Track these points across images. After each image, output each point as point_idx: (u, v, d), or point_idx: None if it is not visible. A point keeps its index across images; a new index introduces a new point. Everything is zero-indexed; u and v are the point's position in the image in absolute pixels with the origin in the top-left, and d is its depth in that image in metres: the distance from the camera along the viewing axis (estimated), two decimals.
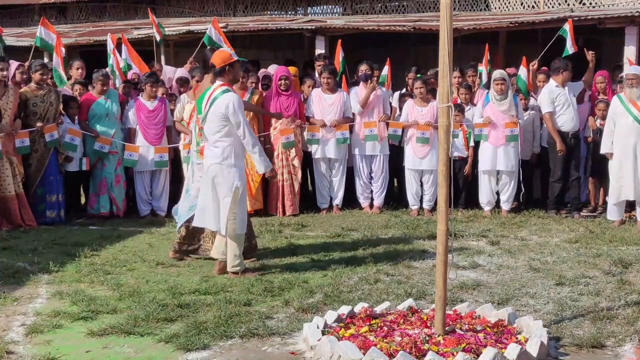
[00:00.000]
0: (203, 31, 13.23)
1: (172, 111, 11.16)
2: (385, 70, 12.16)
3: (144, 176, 11.06)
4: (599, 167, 10.86)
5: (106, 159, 10.77)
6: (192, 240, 8.31)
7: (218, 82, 7.51)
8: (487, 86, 11.40)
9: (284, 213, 11.03)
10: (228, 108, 7.31)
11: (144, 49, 15.06)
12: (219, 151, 7.42)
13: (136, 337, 5.68)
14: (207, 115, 7.44)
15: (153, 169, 11.00)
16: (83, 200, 11.45)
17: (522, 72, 11.35)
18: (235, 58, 7.64)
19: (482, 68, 12.00)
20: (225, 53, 7.73)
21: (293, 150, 11.08)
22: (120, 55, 12.30)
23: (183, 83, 11.80)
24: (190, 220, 8.02)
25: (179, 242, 8.28)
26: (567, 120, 10.72)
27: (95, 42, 17.14)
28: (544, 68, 11.74)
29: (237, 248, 7.55)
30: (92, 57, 15.96)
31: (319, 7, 20.60)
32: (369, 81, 11.15)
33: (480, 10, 18.11)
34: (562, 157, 10.71)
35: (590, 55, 11.16)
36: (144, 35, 16.59)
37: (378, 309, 6.09)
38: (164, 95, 11.31)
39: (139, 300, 6.56)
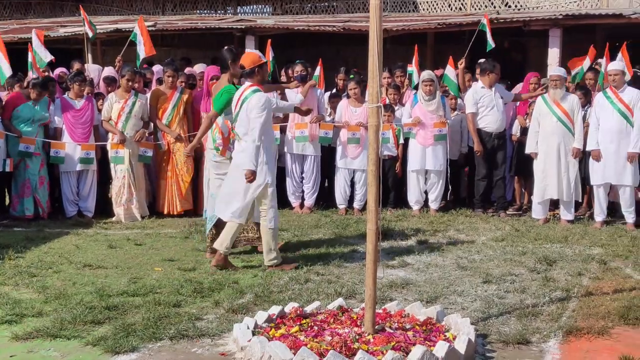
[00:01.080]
0: (131, 29, 13.07)
1: (99, 110, 10.99)
2: (318, 70, 12.18)
3: (70, 176, 10.84)
4: (524, 167, 11.07)
5: (30, 160, 10.52)
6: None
7: (247, 83, 7.77)
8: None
9: None
10: (259, 105, 7.52)
11: (70, 47, 14.78)
12: (249, 148, 7.54)
13: (63, 341, 5.57)
14: (239, 115, 7.68)
15: (80, 169, 10.78)
16: (7, 201, 11.17)
17: (449, 71, 11.50)
18: (264, 60, 7.94)
19: (412, 69, 12.10)
20: (255, 55, 7.98)
21: None
22: (37, 52, 11.96)
23: (110, 82, 11.63)
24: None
25: (212, 241, 8.25)
26: (491, 122, 10.90)
27: (19, 39, 16.75)
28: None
29: (272, 242, 7.83)
30: (16, 55, 15.58)
31: (248, 7, 20.55)
32: (305, 82, 11.17)
33: (409, 11, 18.30)
34: (486, 156, 10.90)
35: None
36: (70, 34, 16.28)
37: (308, 309, 6.10)
38: (90, 94, 11.13)
39: (65, 303, 6.43)
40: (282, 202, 11.56)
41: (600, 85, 11.11)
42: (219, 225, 8.17)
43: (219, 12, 20.61)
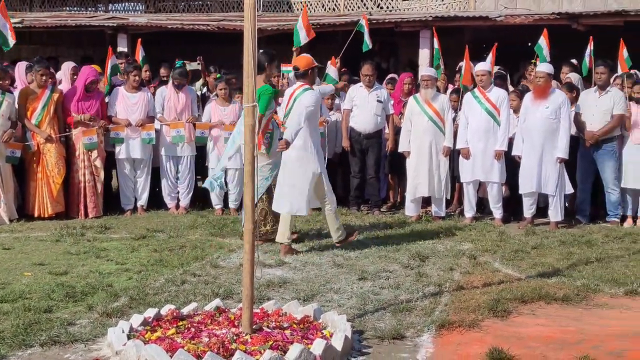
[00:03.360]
0: None
1: None
2: (193, 66, 12.05)
3: None
4: (397, 165, 11.29)
5: None
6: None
7: (299, 83, 8.64)
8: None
9: (86, 215, 10.68)
10: (310, 105, 8.34)
11: None
12: (301, 141, 8.32)
13: None
14: (291, 112, 8.46)
15: None
16: None
17: (331, 70, 11.59)
18: (317, 64, 8.84)
19: (289, 68, 12.09)
20: (309, 58, 8.85)
21: (95, 151, 10.75)
22: None
23: None
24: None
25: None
26: (360, 122, 11.09)
27: None
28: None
29: (336, 221, 8.70)
30: None
31: (120, 4, 20.14)
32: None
33: (284, 11, 18.37)
34: (357, 154, 11.09)
35: None
36: None
37: (185, 311, 6.03)
38: None
39: None
40: (158, 203, 11.43)
41: (461, 86, 11.48)
42: None
43: (89, 9, 20.12)
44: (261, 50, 8.92)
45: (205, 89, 12.34)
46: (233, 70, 11.64)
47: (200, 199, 11.63)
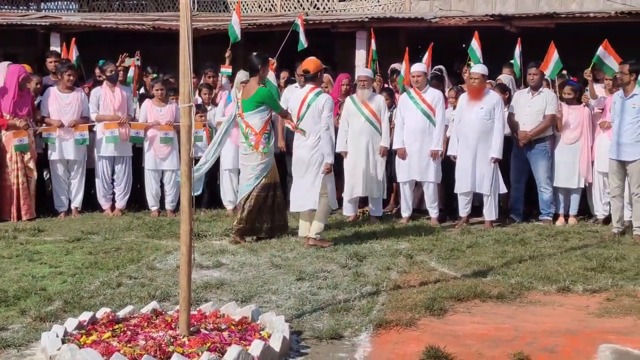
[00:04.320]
0: None
1: None
2: (131, 71, 11.90)
3: None
4: (336, 165, 11.30)
5: None
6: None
7: (309, 86, 9.12)
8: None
9: (19, 218, 10.47)
10: (321, 105, 8.91)
11: None
12: (312, 141, 8.93)
13: None
14: (306, 115, 8.98)
15: None
16: None
17: (270, 75, 11.53)
18: (324, 66, 9.44)
19: (226, 70, 12.02)
20: (318, 61, 9.27)
21: (28, 152, 10.55)
22: None
23: None
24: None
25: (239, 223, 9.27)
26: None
27: None
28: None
29: (325, 217, 9.14)
30: None
31: (53, 3, 19.79)
32: (114, 82, 10.92)
33: (220, 11, 18.27)
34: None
35: None
36: None
37: (121, 314, 5.96)
38: None
39: None
40: (92, 204, 11.27)
41: (399, 86, 11.59)
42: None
43: (21, 7, 19.72)
44: (255, 53, 9.38)
45: (142, 89, 12.21)
46: (170, 70, 11.56)
47: (136, 201, 11.49)
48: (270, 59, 10.49)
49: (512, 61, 12.21)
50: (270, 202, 9.31)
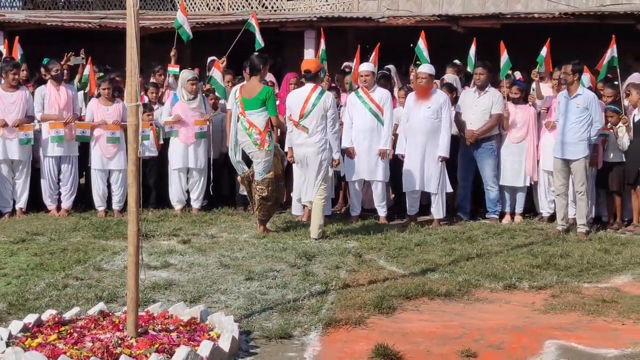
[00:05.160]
0: None
1: None
2: (87, 70, 11.73)
3: None
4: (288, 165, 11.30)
5: None
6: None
7: (310, 85, 9.37)
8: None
9: None
10: (327, 104, 9.28)
11: None
12: (317, 138, 9.32)
13: None
14: (311, 113, 9.25)
15: None
16: None
17: (216, 73, 11.50)
18: (323, 65, 10.15)
19: (173, 69, 11.94)
20: (317, 61, 10.17)
21: None
22: None
23: None
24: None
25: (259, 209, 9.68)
26: None
27: None
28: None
29: (323, 217, 9.43)
30: None
31: None
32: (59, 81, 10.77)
33: (167, 9, 18.15)
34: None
35: None
36: None
37: (67, 315, 5.88)
38: None
39: None
40: (38, 205, 11.09)
41: (349, 85, 11.64)
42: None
43: None
44: (255, 54, 9.81)
45: (87, 87, 12.05)
46: (118, 69, 11.46)
47: (82, 201, 11.34)
48: (216, 59, 10.53)
49: (455, 61, 12.35)
50: (268, 195, 9.58)
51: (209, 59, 12.37)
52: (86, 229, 9.88)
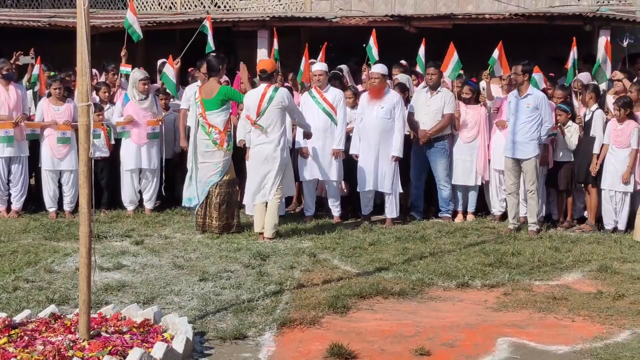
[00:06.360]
0: None
1: None
2: (37, 69, 11.54)
3: None
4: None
5: None
6: (204, 217, 9.68)
7: (265, 84, 9.39)
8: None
9: None
10: (284, 100, 9.32)
11: None
12: (275, 136, 9.32)
13: None
14: (266, 110, 9.26)
15: None
16: None
17: (168, 70, 11.42)
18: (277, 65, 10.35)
19: (125, 68, 11.82)
20: (272, 61, 10.28)
21: None
22: None
23: None
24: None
25: (201, 219, 9.67)
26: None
27: None
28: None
29: (277, 216, 9.42)
30: None
31: None
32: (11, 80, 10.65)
33: (118, 8, 17.95)
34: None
35: None
36: None
37: (17, 318, 5.80)
38: None
39: None
40: None
41: (300, 85, 11.68)
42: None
43: None
44: (213, 54, 10.03)
45: (37, 87, 11.87)
46: (69, 68, 11.32)
47: (33, 202, 11.18)
48: (166, 61, 10.46)
49: (402, 61, 12.41)
50: (228, 198, 9.67)
51: (159, 61, 12.28)
52: (37, 230, 9.75)
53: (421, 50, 11.74)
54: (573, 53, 10.66)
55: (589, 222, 10.30)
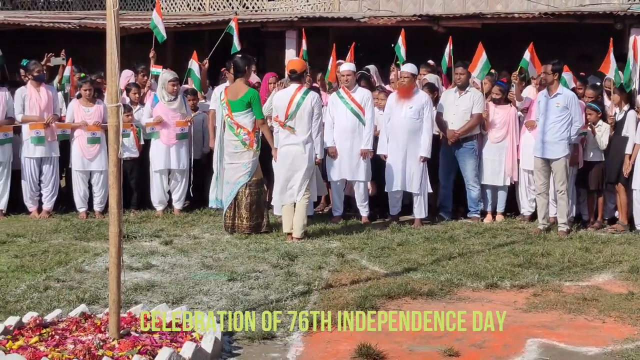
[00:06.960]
0: None
1: None
2: (67, 71, 11.66)
3: None
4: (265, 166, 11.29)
5: None
6: (234, 218, 9.70)
7: (295, 85, 9.43)
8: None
9: None
10: (309, 107, 9.36)
11: None
12: (303, 138, 9.37)
13: None
14: (296, 113, 9.31)
15: None
16: None
17: (194, 67, 11.46)
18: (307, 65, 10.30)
19: (156, 69, 11.87)
20: (302, 61, 10.16)
21: None
22: None
23: None
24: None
25: (230, 220, 9.70)
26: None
27: None
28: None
29: (306, 215, 9.45)
30: None
31: None
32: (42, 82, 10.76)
33: (147, 10, 18.04)
34: None
35: None
36: None
37: (49, 317, 5.85)
38: None
39: None
40: (18, 206, 11.02)
41: (328, 85, 11.69)
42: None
43: None
44: (239, 55, 9.95)
45: (68, 88, 11.98)
46: (99, 70, 11.40)
47: (63, 202, 11.27)
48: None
49: (429, 61, 12.36)
50: (257, 198, 9.74)
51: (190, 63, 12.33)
52: (67, 230, 9.84)
53: (447, 49, 11.68)
54: (611, 53, 10.45)
55: (621, 222, 10.21)
